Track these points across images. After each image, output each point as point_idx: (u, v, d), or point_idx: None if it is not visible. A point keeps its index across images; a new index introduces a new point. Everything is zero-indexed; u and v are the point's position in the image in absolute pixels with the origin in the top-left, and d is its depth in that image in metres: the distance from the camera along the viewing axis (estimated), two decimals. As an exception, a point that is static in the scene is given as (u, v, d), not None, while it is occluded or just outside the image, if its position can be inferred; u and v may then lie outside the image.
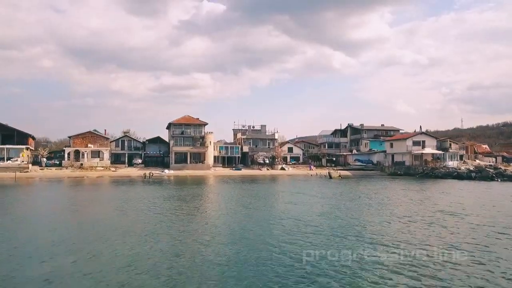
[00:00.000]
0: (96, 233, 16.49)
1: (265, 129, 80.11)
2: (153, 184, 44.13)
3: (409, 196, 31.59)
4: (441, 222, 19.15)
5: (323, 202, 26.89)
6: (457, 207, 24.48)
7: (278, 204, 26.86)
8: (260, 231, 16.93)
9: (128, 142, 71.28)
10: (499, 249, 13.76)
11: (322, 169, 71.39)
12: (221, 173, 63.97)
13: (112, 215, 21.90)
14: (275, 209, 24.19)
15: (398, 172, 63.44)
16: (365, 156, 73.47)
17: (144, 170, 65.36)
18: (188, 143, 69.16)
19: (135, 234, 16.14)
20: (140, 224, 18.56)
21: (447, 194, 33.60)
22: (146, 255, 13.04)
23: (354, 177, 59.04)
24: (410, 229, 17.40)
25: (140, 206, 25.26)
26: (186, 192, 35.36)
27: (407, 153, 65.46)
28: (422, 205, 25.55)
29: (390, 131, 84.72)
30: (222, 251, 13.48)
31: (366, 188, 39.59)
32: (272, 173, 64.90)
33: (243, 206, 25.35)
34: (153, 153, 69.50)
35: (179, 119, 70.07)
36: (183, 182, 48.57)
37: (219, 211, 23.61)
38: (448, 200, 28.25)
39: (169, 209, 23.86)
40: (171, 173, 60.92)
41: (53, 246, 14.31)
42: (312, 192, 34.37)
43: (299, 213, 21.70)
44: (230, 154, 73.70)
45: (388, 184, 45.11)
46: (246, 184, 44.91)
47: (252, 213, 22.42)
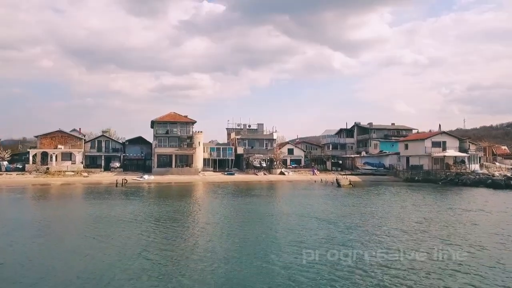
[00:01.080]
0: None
1: (262, 128, 71.34)
2: (124, 195, 35.34)
3: (456, 217, 22.81)
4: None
5: (343, 237, 18.06)
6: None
7: (281, 247, 17.89)
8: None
9: (105, 143, 62.41)
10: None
11: (327, 173, 62.68)
12: (211, 178, 55.19)
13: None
14: (278, 261, 15.32)
15: (416, 177, 54.73)
16: (376, 158, 64.77)
17: (122, 175, 56.55)
18: (173, 144, 60.36)
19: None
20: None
21: (502, 212, 24.89)
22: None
23: (366, 184, 50.39)
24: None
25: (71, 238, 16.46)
26: (160, 210, 26.27)
27: (426, 155, 56.74)
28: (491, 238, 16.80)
29: (401, 130, 76.00)
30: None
31: (389, 202, 30.83)
32: (269, 179, 56.15)
33: (231, 244, 16.57)
34: (133, 155, 60.68)
35: (164, 117, 61.29)
36: (162, 192, 39.80)
37: (200, 253, 14.78)
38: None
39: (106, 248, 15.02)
40: (151, 179, 52.09)
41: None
42: (324, 213, 25.52)
43: (316, 265, 12.94)
44: (222, 156, 64.92)
45: (412, 195, 36.39)
46: (239, 197, 36.11)
47: (243, 263, 13.63)
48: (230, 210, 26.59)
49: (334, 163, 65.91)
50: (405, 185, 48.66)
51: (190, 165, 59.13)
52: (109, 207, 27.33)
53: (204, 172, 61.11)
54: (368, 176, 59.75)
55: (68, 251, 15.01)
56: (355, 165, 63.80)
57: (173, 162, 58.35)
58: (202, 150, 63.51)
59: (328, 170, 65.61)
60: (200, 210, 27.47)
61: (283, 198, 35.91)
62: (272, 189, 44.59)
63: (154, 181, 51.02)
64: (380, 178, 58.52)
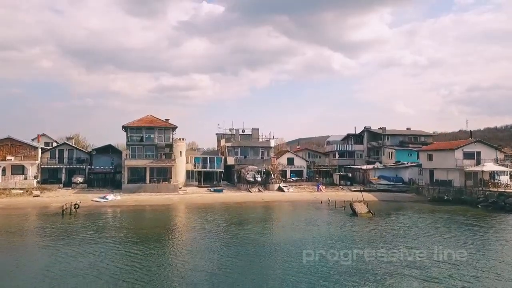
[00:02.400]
0: None
1: (257, 133, 60.89)
2: (56, 238, 24.85)
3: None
4: None
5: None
6: None
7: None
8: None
9: (68, 153, 51.77)
10: None
11: (334, 189, 52.30)
12: (194, 198, 44.66)
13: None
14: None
15: (445, 197, 44.42)
16: (392, 171, 54.39)
17: (84, 193, 46.09)
18: (150, 154, 49.81)
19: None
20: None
21: None
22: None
23: (385, 208, 40.10)
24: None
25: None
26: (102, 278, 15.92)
27: (456, 169, 46.42)
28: None
29: (419, 136, 65.77)
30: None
31: (444, 252, 20.43)
32: (265, 198, 45.64)
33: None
34: (100, 168, 50.06)
35: (138, 121, 50.69)
36: (122, 227, 29.23)
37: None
38: None
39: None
40: (117, 201, 41.52)
41: None
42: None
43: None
44: (210, 167, 54.37)
45: (463, 231, 26.00)
46: (226, 233, 25.63)
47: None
48: (211, 271, 16.15)
49: (343, 176, 55.45)
50: (437, 210, 38.37)
51: (169, 180, 48.60)
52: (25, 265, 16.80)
53: (186, 188, 50.58)
54: (384, 193, 49.41)
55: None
56: (367, 179, 53.39)
57: (147, 176, 47.78)
58: (184, 161, 53.03)
59: (335, 184, 55.21)
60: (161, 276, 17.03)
61: (278, 235, 25.43)
62: (267, 216, 34.13)
63: (120, 203, 40.45)
64: (399, 196, 48.12)
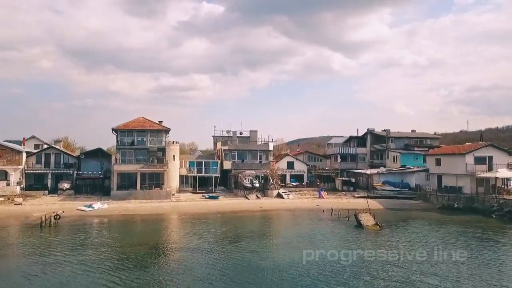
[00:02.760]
0: None
1: (256, 136, 58.11)
2: (35, 251, 22.01)
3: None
4: None
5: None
6: None
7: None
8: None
9: (55, 157, 48.92)
10: None
11: (336, 195, 49.43)
12: (187, 206, 41.78)
13: None
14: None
15: (455, 205, 41.57)
16: (398, 176, 51.50)
17: (70, 200, 43.31)
18: (141, 158, 46.99)
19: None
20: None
21: None
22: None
23: (392, 217, 37.33)
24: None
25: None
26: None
27: (467, 175, 43.57)
28: None
29: (424, 139, 62.92)
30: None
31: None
32: (264, 206, 42.76)
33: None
34: (89, 173, 47.19)
35: (129, 123, 47.84)
36: (109, 241, 26.31)
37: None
38: None
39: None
40: (104, 209, 38.65)
41: None
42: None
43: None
44: (205, 172, 51.49)
45: (485, 247, 23.13)
46: (219, 252, 22.75)
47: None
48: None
49: (345, 181, 52.57)
50: (448, 220, 35.55)
51: (161, 186, 45.77)
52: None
53: (180, 194, 47.74)
54: (390, 199, 46.59)
55: None
56: (372, 185, 50.54)
57: (138, 182, 44.93)
58: (178, 165, 50.21)
59: (337, 190, 52.34)
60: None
61: (278, 266, 22.53)
62: (265, 233, 31.24)
63: (107, 212, 37.59)
64: (405, 203, 45.29)
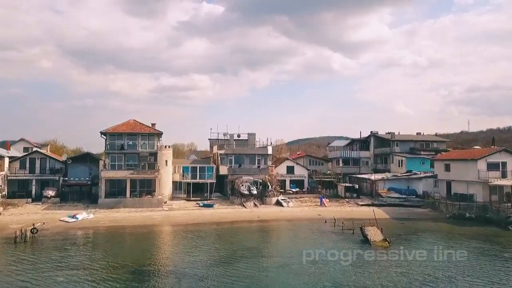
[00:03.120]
0: None
1: (254, 139, 55.26)
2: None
3: None
4: None
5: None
6: None
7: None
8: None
9: (40, 162, 46.08)
10: None
11: (339, 203, 46.61)
12: (179, 216, 38.86)
13: None
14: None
15: (467, 214, 38.75)
16: (404, 182, 48.68)
17: (55, 209, 40.45)
18: (132, 163, 44.19)
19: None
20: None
21: None
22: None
23: (399, 228, 34.53)
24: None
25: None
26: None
27: (478, 182, 40.81)
28: None
29: (431, 142, 60.14)
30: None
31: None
32: (261, 216, 39.86)
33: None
34: (75, 180, 44.32)
35: (118, 126, 44.97)
36: (88, 262, 23.33)
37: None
38: None
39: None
40: (89, 220, 35.78)
41: None
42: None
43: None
44: (200, 178, 48.62)
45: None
46: (211, 279, 19.84)
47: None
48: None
49: (348, 188, 49.73)
50: (462, 232, 32.76)
51: (152, 193, 42.94)
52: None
53: (172, 202, 44.89)
54: (396, 208, 43.79)
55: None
56: (376, 191, 47.71)
57: (127, 189, 42.07)
58: (171, 171, 47.37)
59: (340, 196, 49.52)
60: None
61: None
62: (262, 251, 28.35)
63: (92, 224, 34.70)
64: (413, 211, 42.59)
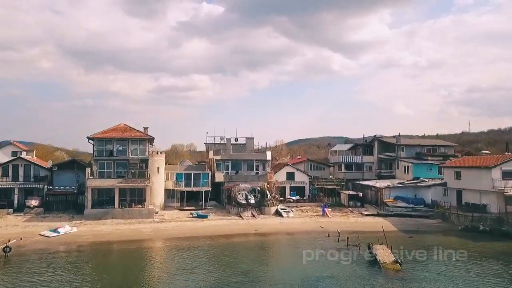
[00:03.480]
0: None
1: (252, 144, 52.57)
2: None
3: None
4: None
5: None
6: None
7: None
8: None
9: (24, 169, 43.31)
10: None
11: (343, 213, 43.73)
12: (170, 229, 35.93)
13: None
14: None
15: (481, 227, 35.92)
16: (411, 190, 45.79)
17: (38, 220, 37.66)
18: (121, 171, 41.38)
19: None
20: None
21: None
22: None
23: (408, 243, 31.34)
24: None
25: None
26: None
27: (492, 192, 37.99)
28: None
29: (438, 147, 57.30)
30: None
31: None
32: (260, 228, 36.88)
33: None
34: (61, 188, 41.51)
35: (107, 131, 42.09)
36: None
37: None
38: None
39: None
40: (73, 234, 32.90)
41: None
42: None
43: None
44: (194, 186, 45.75)
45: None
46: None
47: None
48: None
49: (352, 196, 46.88)
50: (478, 249, 29.89)
51: (143, 203, 40.12)
52: None
53: (164, 212, 42.06)
54: (403, 218, 40.98)
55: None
56: (382, 200, 44.88)
57: (116, 199, 39.25)
58: (163, 178, 44.54)
59: (343, 205, 46.69)
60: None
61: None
62: (259, 275, 25.43)
63: (74, 239, 31.79)
64: (422, 223, 39.70)
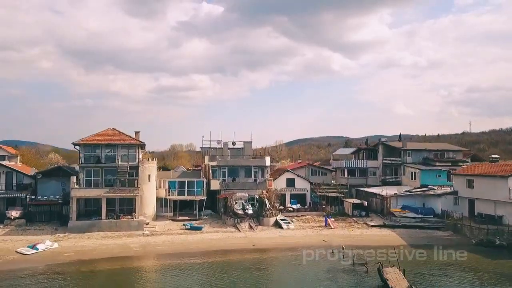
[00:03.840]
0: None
1: (250, 148, 49.67)
2: None
3: None
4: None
5: None
6: None
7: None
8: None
9: (6, 177, 40.49)
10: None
11: (347, 223, 40.91)
12: (161, 244, 33.05)
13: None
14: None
15: (497, 241, 33.14)
16: (419, 199, 43.02)
17: (19, 234, 34.84)
18: (109, 178, 38.59)
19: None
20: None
21: None
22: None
23: (419, 261, 28.51)
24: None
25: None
26: None
27: (509, 202, 35.21)
28: None
29: (447, 151, 54.49)
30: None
31: None
32: (257, 243, 33.92)
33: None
34: (44, 198, 38.67)
35: (94, 136, 39.25)
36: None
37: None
38: None
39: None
40: (53, 251, 30.04)
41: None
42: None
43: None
44: (188, 194, 42.93)
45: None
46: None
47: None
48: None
49: (356, 205, 44.05)
50: (498, 268, 27.19)
51: (132, 214, 37.30)
52: None
53: (156, 223, 39.15)
54: (412, 230, 38.20)
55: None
56: (388, 210, 42.08)
57: (103, 210, 36.40)
58: (155, 187, 41.69)
59: (347, 214, 43.88)
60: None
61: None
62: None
63: (54, 257, 28.90)
64: (432, 235, 36.92)
